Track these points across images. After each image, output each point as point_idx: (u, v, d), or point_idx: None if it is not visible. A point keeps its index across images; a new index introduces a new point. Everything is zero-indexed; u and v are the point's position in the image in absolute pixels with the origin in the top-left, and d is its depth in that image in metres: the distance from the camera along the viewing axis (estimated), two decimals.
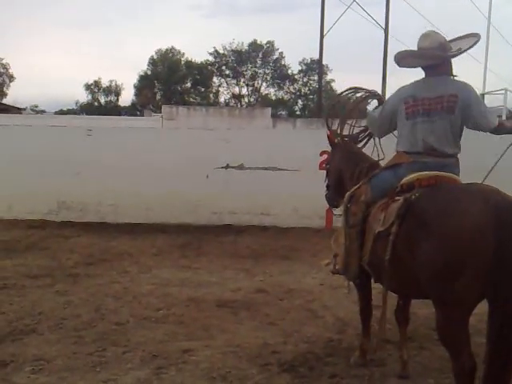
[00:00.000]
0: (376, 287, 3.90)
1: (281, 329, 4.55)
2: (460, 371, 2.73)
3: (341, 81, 48.78)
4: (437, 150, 3.21)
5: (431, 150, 3.21)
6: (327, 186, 4.42)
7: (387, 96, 3.94)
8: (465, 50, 3.34)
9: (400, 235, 2.94)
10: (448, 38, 3.42)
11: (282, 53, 50.12)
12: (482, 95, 20.58)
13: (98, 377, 3.63)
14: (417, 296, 3.39)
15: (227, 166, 9.42)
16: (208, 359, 3.90)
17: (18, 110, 24.03)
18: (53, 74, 74.21)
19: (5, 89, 45.84)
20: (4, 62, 45.05)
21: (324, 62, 30.84)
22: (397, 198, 3.13)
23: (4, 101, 36.76)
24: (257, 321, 4.75)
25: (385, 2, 26.29)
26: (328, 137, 4.44)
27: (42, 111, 38.05)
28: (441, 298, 2.75)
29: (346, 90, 4.12)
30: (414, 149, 3.26)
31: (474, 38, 3.42)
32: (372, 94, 4.02)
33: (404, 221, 2.94)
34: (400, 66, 3.44)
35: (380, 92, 25.36)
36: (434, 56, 3.27)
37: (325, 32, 26.92)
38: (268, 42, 49.90)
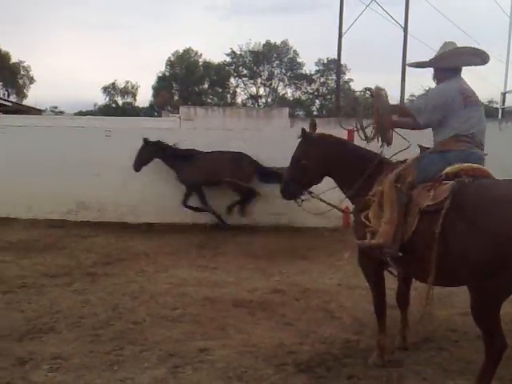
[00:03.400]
0: (392, 288, 3.89)
1: (297, 329, 4.53)
2: (492, 350, 3.00)
3: (359, 80, 48.47)
4: (481, 142, 3.52)
5: (478, 140, 3.49)
6: (292, 180, 4.27)
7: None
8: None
9: (452, 211, 3.05)
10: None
11: (295, 51, 50.08)
12: (504, 94, 20.33)
13: (115, 375, 3.65)
14: (445, 280, 3.38)
15: None
16: (224, 359, 3.90)
17: (37, 112, 24.30)
18: (72, 76, 75.06)
19: (25, 90, 46.52)
20: (25, 64, 45.76)
21: (342, 62, 30.64)
22: (444, 182, 3.26)
23: (24, 102, 37.27)
24: (273, 321, 4.74)
25: (404, 1, 25.97)
26: (304, 131, 4.23)
27: (62, 112, 38.52)
28: (483, 282, 2.90)
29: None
30: (467, 132, 3.47)
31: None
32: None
33: (456, 198, 3.06)
34: (439, 66, 3.70)
35: (399, 91, 24.95)
36: (487, 56, 3.66)
37: (343, 31, 26.77)
38: (282, 42, 49.89)
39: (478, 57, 3.68)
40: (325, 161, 4.12)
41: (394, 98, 3.96)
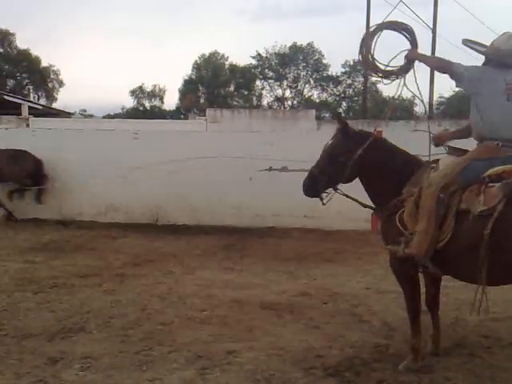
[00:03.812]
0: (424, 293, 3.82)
1: (325, 333, 4.49)
2: None
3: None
4: None
5: None
6: (323, 177, 3.94)
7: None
8: None
9: (505, 214, 3.07)
10: None
11: (320, 51, 49.87)
12: None
13: (144, 376, 3.67)
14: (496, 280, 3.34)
15: (271, 169, 9.42)
16: (252, 361, 3.89)
17: (67, 115, 24.70)
18: (100, 80, 76.17)
19: (55, 94, 47.42)
20: (55, 68, 46.64)
21: None
22: (490, 184, 3.23)
23: (54, 105, 37.99)
24: (301, 324, 4.71)
25: (433, 2, 25.56)
26: (346, 125, 4.05)
27: (91, 116, 39.15)
28: None
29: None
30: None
31: None
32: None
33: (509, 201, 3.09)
34: (495, 58, 3.46)
35: (428, 94, 24.45)
36: None
37: None
38: (308, 44, 49.75)
39: None
40: (366, 161, 3.84)
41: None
